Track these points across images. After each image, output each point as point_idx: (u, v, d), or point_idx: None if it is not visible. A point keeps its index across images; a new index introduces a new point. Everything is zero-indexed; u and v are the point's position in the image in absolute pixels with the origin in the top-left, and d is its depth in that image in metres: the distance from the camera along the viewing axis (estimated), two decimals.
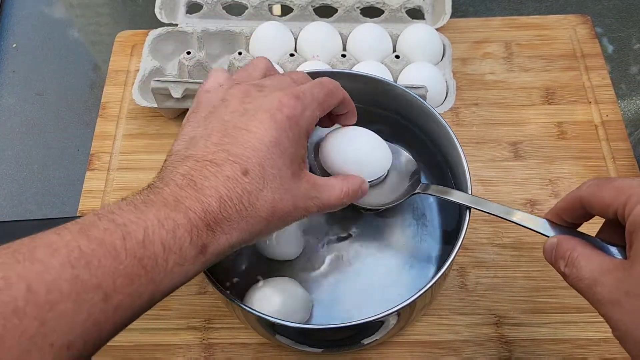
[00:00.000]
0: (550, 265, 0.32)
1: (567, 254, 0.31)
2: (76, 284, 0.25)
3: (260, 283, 0.43)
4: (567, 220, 0.34)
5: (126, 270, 0.27)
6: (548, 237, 0.34)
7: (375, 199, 0.44)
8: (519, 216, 0.36)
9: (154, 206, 0.29)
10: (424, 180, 0.44)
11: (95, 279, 0.26)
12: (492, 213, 0.38)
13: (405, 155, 0.45)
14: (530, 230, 0.35)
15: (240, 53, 0.55)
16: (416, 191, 0.42)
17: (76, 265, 0.25)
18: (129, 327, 0.47)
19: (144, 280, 0.28)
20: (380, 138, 0.42)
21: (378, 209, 0.45)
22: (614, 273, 0.28)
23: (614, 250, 0.31)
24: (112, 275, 0.26)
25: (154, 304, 0.29)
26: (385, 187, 0.44)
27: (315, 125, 0.36)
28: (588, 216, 0.32)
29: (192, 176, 0.31)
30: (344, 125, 0.41)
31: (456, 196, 0.40)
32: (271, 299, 0.41)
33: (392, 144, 0.44)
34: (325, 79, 0.37)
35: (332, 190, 0.36)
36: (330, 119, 0.40)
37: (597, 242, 0.32)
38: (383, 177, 0.43)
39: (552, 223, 0.34)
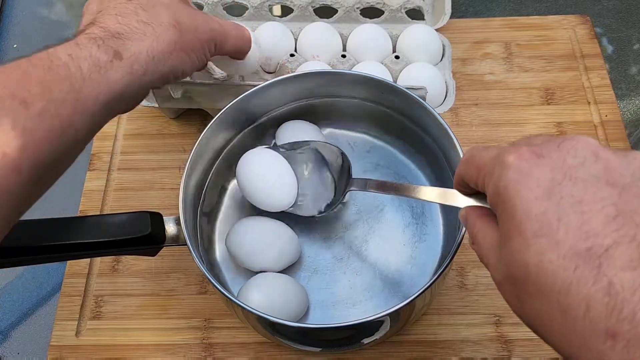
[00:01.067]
0: None
1: (471, 229, 0.30)
2: None
3: (253, 279, 0.43)
4: (467, 191, 0.32)
5: (37, 79, 0.28)
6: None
7: (312, 206, 0.46)
8: (428, 194, 0.36)
9: (56, 45, 0.32)
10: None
11: (7, 89, 0.27)
12: (400, 195, 0.38)
13: (331, 151, 0.46)
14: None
15: None
16: (349, 189, 0.44)
17: None
18: (128, 327, 0.47)
19: (63, 87, 0.29)
20: (284, 165, 0.45)
21: (315, 216, 0.46)
22: (493, 254, 0.27)
23: None
24: (24, 84, 0.28)
25: (89, 117, 0.31)
26: (320, 190, 0.46)
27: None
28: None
29: (89, 22, 0.35)
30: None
31: (372, 185, 0.42)
32: (265, 294, 0.41)
33: (316, 141, 0.47)
34: None
35: (228, 25, 0.42)
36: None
37: None
38: (292, 203, 0.45)
39: (462, 193, 0.32)
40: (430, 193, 0.36)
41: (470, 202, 0.31)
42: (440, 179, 0.47)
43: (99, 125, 0.33)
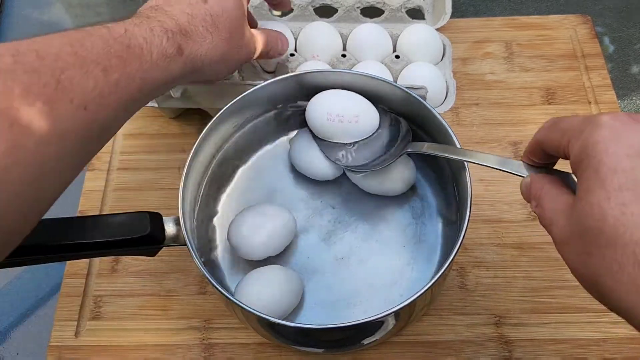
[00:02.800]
0: (550, 265, 0.32)
1: (537, 193, 0.31)
2: (77, 57, 0.29)
3: (247, 276, 0.43)
4: (539, 162, 0.33)
5: (117, 53, 0.32)
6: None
7: (365, 159, 0.46)
8: (493, 160, 0.37)
9: (129, 20, 0.35)
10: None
11: (92, 55, 0.30)
12: (472, 161, 0.38)
13: (396, 119, 0.47)
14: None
15: None
16: (407, 150, 0.44)
17: (74, 44, 0.30)
18: (128, 327, 0.47)
19: (135, 65, 0.33)
20: (365, 99, 0.47)
21: (368, 171, 0.46)
22: (565, 212, 0.27)
23: None
24: (107, 55, 0.31)
25: (144, 96, 0.34)
26: (376, 146, 0.46)
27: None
28: (553, 157, 0.32)
29: (158, 6, 0.38)
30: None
31: (443, 149, 0.42)
32: (255, 288, 0.42)
33: (381, 108, 0.47)
34: None
35: (271, 43, 0.48)
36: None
37: (569, 179, 0.31)
38: (373, 135, 0.46)
39: (528, 165, 0.34)
40: (491, 159, 0.37)
41: (536, 170, 0.33)
42: (441, 179, 0.47)
43: (143, 105, 0.36)
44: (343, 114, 0.46)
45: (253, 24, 0.51)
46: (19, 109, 0.26)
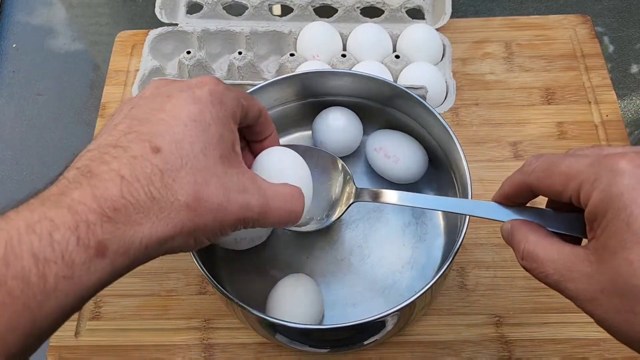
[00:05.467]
0: None
1: (521, 246, 0.29)
2: None
3: (281, 282, 0.43)
4: (518, 203, 0.32)
5: None
6: (503, 221, 0.32)
7: (313, 216, 0.43)
8: (466, 206, 0.35)
9: (28, 209, 0.23)
10: (358, 184, 0.43)
11: None
12: (431, 208, 0.36)
13: (332, 160, 0.44)
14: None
15: (240, 53, 0.55)
16: (352, 201, 0.42)
17: None
18: (128, 327, 0.47)
19: (13, 309, 0.22)
20: (300, 159, 0.38)
21: (319, 229, 0.43)
22: (581, 268, 0.26)
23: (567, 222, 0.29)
24: None
25: (43, 336, 0.24)
26: (322, 200, 0.43)
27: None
28: (536, 196, 0.30)
29: (88, 166, 0.25)
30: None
31: (389, 197, 0.38)
32: (287, 299, 0.41)
33: (315, 149, 0.44)
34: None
35: (281, 195, 0.31)
36: (251, 148, 0.37)
37: (547, 218, 0.30)
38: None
39: (501, 205, 0.32)
40: (458, 205, 0.35)
41: (513, 215, 0.31)
42: (441, 179, 0.47)
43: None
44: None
45: (256, 150, 0.36)
46: None
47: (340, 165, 0.44)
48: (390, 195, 0.38)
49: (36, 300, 0.22)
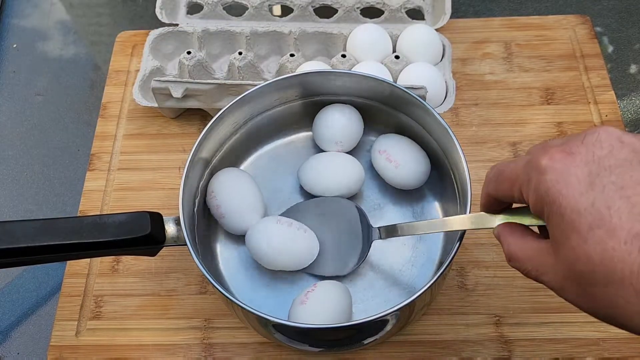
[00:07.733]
0: None
1: (505, 248, 0.31)
2: None
3: (313, 287, 0.42)
4: (498, 209, 0.33)
5: None
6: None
7: (335, 267, 0.45)
8: (458, 224, 0.37)
9: None
10: (373, 223, 0.45)
11: None
12: (427, 232, 0.39)
13: (349, 207, 0.46)
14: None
15: (240, 53, 0.55)
16: (372, 240, 0.44)
17: None
18: (128, 327, 0.47)
19: None
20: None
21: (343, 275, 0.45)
22: (547, 261, 0.27)
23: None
24: None
25: None
26: (341, 250, 0.45)
27: None
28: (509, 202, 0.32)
29: None
30: None
31: (403, 231, 0.41)
32: (322, 305, 0.41)
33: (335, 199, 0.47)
34: None
35: None
36: None
37: (525, 215, 0.31)
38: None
39: (490, 215, 0.34)
40: (460, 222, 0.37)
41: (500, 219, 0.33)
42: (441, 179, 0.47)
43: None
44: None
45: None
46: None
47: (357, 212, 0.46)
48: (400, 229, 0.42)
49: None
